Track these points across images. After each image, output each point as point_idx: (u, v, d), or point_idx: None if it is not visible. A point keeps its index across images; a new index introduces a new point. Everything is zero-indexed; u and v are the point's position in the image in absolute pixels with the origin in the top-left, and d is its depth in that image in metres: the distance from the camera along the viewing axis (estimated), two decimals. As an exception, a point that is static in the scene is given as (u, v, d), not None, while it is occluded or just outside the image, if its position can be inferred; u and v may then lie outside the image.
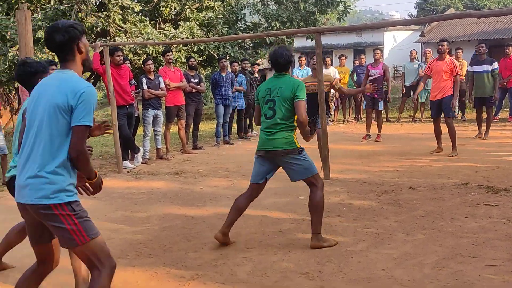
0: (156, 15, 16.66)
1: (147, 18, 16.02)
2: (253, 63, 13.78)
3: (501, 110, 13.04)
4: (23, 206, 2.69)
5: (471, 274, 3.58)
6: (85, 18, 13.95)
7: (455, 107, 8.15)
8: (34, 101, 2.75)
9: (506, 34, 23.61)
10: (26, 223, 2.81)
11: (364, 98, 11.20)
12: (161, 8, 15.89)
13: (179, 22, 15.81)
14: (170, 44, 12.52)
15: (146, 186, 7.13)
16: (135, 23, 14.61)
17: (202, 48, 15.61)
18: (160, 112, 9.23)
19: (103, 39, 14.19)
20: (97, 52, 8.56)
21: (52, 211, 2.60)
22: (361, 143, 10.33)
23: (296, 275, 3.75)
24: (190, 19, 15.81)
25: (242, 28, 17.78)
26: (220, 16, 16.44)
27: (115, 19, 14.20)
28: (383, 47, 30.63)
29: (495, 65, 9.92)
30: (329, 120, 10.28)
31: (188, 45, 15.18)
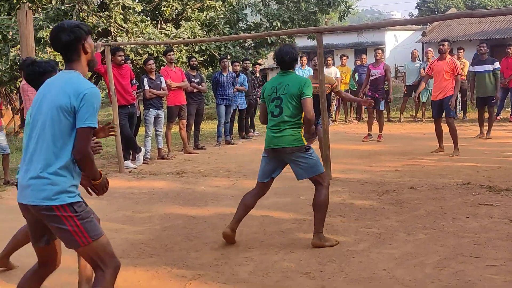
0: (157, 15, 16.69)
1: (149, 18, 16.06)
2: (254, 63, 13.80)
3: (502, 110, 13.02)
4: (25, 207, 2.69)
5: (472, 274, 3.58)
6: (86, 18, 13.98)
7: (453, 105, 8.11)
8: (38, 101, 2.73)
9: (508, 33, 23.59)
10: (28, 224, 2.80)
11: (365, 97, 11.20)
12: (162, 8, 15.91)
13: (181, 22, 15.83)
14: (171, 44, 12.53)
15: (147, 186, 7.14)
16: (137, 23, 14.64)
17: (203, 48, 15.64)
18: (161, 112, 9.23)
19: (105, 39, 14.21)
20: (98, 52, 8.56)
21: (54, 212, 2.59)
22: (362, 142, 10.33)
23: (298, 274, 3.75)
24: (192, 19, 15.83)
25: (243, 28, 17.81)
26: (222, 16, 16.46)
27: (116, 19, 14.24)
28: (385, 47, 30.65)
29: (496, 64, 9.90)
30: (330, 120, 10.28)
31: (190, 45, 15.20)
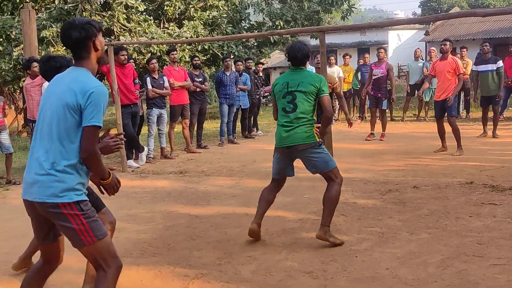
0: (160, 14, 16.71)
1: (151, 17, 16.07)
2: (257, 62, 13.78)
3: (506, 109, 12.99)
4: (30, 204, 2.67)
5: (475, 273, 3.58)
6: (89, 17, 13.99)
7: (451, 102, 8.08)
8: (46, 98, 2.72)
9: (511, 32, 23.51)
10: (32, 221, 2.78)
11: (368, 97, 11.19)
12: (165, 7, 15.92)
13: (183, 21, 15.84)
14: (174, 43, 12.54)
15: (150, 185, 7.15)
16: (139, 22, 14.65)
17: (206, 47, 15.65)
18: (164, 111, 9.24)
19: (108, 38, 14.22)
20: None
21: (60, 210, 2.58)
22: (365, 142, 10.32)
23: (300, 274, 3.75)
24: (194, 18, 15.84)
25: (246, 27, 17.81)
26: (224, 15, 16.46)
27: (119, 19, 14.26)
28: (388, 46, 30.64)
29: (499, 63, 9.88)
30: (333, 119, 10.26)
31: (192, 44, 15.20)
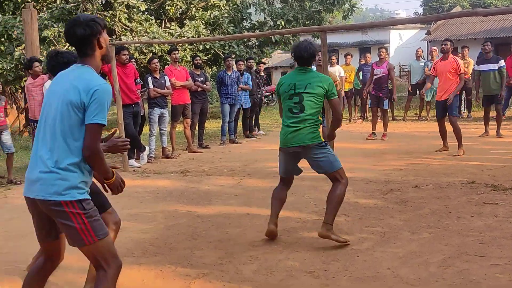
0: (161, 14, 16.72)
1: (153, 17, 16.08)
2: (258, 61, 13.79)
3: (507, 108, 12.96)
4: (32, 201, 2.66)
5: (477, 273, 3.57)
6: (92, 16, 14.02)
7: (451, 101, 8.07)
8: (49, 96, 2.71)
9: (513, 32, 23.51)
10: (34, 219, 2.76)
11: (369, 96, 11.18)
12: (166, 7, 15.93)
13: (185, 21, 15.85)
14: (175, 43, 12.54)
15: (152, 184, 7.15)
16: (141, 22, 14.66)
17: (207, 46, 15.66)
18: (166, 111, 9.25)
19: (109, 38, 14.23)
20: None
21: (62, 208, 2.56)
22: (366, 141, 10.31)
23: (302, 273, 3.75)
24: (196, 18, 15.85)
25: (247, 27, 17.81)
26: (226, 15, 16.47)
27: (120, 18, 14.27)
28: (389, 46, 30.55)
29: (501, 62, 9.88)
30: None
31: (194, 43, 15.21)
